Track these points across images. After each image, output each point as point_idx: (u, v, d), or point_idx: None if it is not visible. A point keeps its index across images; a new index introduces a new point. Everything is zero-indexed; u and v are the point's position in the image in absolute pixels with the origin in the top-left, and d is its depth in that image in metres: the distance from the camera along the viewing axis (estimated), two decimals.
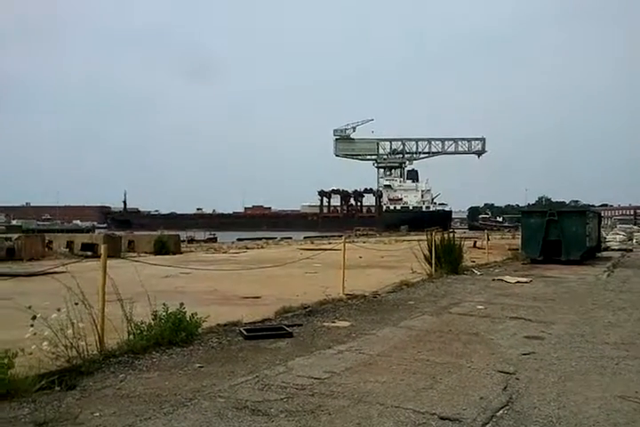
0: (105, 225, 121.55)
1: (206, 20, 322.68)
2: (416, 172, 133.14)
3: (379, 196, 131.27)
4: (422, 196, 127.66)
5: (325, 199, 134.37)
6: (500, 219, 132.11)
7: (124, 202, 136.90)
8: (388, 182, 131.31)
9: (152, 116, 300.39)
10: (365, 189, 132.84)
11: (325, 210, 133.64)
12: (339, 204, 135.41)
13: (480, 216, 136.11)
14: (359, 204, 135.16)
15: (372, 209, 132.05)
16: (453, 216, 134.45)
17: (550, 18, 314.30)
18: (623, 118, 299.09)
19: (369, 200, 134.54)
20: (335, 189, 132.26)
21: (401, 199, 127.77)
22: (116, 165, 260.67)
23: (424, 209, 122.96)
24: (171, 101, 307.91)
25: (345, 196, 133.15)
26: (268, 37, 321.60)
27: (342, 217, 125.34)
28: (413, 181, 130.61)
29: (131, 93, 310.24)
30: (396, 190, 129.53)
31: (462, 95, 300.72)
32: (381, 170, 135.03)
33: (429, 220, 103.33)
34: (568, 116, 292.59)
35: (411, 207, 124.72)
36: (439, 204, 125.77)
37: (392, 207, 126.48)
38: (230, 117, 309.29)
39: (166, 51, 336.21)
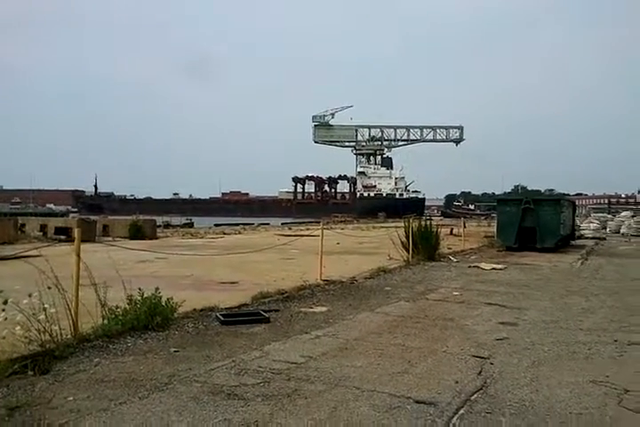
0: (76, 209, 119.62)
1: (205, 19, 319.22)
2: (390, 159, 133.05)
3: (353, 183, 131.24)
4: (396, 183, 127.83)
5: (300, 186, 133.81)
6: (472, 206, 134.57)
7: (95, 186, 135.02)
8: (362, 169, 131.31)
9: (139, 106, 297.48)
10: (340, 175, 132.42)
11: (300, 196, 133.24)
12: (313, 190, 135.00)
13: (454, 203, 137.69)
14: (333, 190, 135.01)
15: (347, 196, 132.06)
16: (430, 204, 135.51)
17: (539, 11, 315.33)
18: (600, 109, 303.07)
19: (344, 187, 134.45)
20: (309, 175, 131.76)
21: (375, 186, 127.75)
22: (94, 150, 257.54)
23: (397, 196, 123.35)
24: (160, 91, 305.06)
25: (319, 182, 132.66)
26: (262, 33, 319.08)
27: (316, 203, 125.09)
28: (387, 169, 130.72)
29: (118, 81, 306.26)
30: (370, 177, 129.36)
31: (442, 84, 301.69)
32: (360, 157, 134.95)
33: (403, 207, 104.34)
34: (545, 106, 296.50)
35: (384, 194, 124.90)
36: (413, 191, 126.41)
37: (366, 194, 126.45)
38: (218, 107, 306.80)
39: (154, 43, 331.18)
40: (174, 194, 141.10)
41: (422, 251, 15.75)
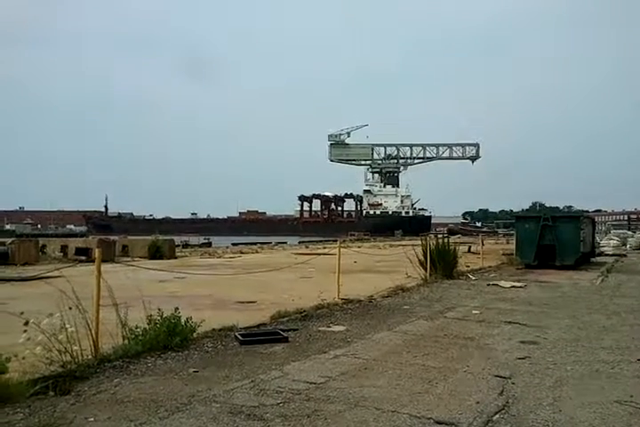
0: (86, 229, 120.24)
1: (205, 19, 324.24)
2: (396, 177, 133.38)
3: (359, 201, 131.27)
4: (402, 201, 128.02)
5: (307, 204, 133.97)
6: (479, 224, 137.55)
7: (106, 207, 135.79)
8: (367, 188, 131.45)
9: (150, 119, 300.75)
10: (346, 193, 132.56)
11: (308, 215, 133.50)
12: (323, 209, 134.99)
13: (460, 221, 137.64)
14: (340, 208, 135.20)
15: (353, 214, 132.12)
16: (448, 221, 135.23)
17: (548, 18, 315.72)
18: (617, 123, 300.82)
19: (351, 205, 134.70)
20: (316, 193, 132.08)
21: (380, 204, 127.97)
22: (115, 170, 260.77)
23: (403, 214, 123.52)
24: (166, 103, 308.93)
25: (325, 201, 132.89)
26: (266, 38, 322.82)
27: (322, 222, 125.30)
28: (393, 187, 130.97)
29: (127, 95, 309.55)
30: (375, 195, 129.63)
31: (457, 100, 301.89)
32: (374, 175, 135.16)
33: (409, 225, 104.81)
34: (563, 121, 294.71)
35: (390, 212, 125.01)
36: (419, 209, 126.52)
37: (372, 212, 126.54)
38: (228, 122, 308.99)
39: (163, 51, 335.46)
40: (192, 214, 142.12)
41: (440, 269, 15.65)
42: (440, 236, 22.56)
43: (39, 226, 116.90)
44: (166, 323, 6.54)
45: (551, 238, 19.93)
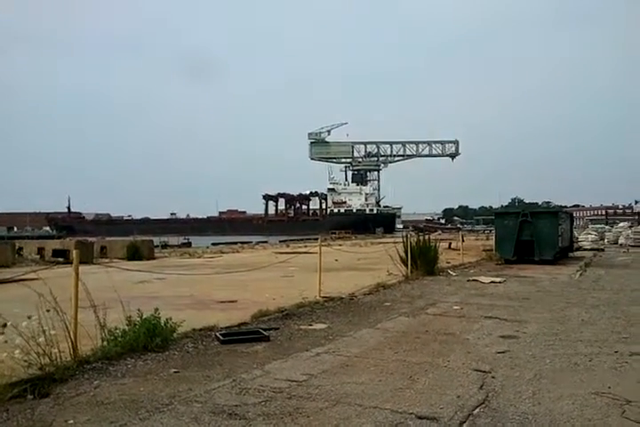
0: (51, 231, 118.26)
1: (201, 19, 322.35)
2: (361, 175, 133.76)
3: (324, 199, 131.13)
4: (366, 199, 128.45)
5: (274, 203, 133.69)
6: (443, 221, 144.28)
7: (68, 208, 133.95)
8: (332, 186, 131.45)
9: (133, 120, 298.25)
10: (311, 192, 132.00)
11: (274, 214, 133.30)
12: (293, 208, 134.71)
13: (426, 219, 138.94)
14: (306, 207, 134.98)
15: (318, 212, 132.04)
16: (429, 218, 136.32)
17: (531, 18, 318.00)
18: (596, 121, 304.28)
19: (316, 204, 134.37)
20: (281, 192, 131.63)
21: (345, 202, 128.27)
22: (93, 171, 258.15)
23: (368, 212, 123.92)
24: (154, 103, 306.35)
25: (290, 199, 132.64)
26: (263, 39, 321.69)
27: (287, 221, 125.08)
28: (358, 184, 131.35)
29: (111, 96, 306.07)
30: (340, 193, 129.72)
31: (437, 98, 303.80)
32: (349, 173, 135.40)
33: (373, 223, 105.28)
34: (542, 118, 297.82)
35: (354, 210, 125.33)
36: (384, 206, 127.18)
37: (336, 210, 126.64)
38: (216, 123, 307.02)
39: (151, 52, 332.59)
40: (172, 214, 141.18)
41: (421, 266, 15.73)
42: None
43: (15, 228, 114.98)
44: (146, 324, 6.49)
45: (530, 234, 20.15)
